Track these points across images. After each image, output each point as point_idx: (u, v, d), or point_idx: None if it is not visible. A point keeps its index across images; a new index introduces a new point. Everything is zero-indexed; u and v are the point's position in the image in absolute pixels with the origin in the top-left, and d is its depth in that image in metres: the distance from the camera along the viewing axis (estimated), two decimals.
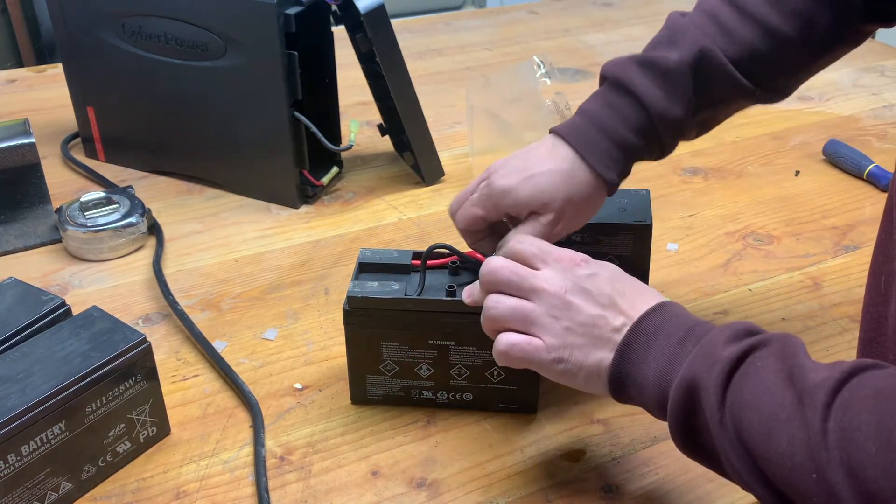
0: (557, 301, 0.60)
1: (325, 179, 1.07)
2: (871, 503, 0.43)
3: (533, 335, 0.60)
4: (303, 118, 1.00)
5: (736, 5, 0.71)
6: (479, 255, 0.72)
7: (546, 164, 0.70)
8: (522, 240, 0.64)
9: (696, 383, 0.53)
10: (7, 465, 0.60)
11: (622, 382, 0.58)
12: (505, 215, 0.72)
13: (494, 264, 0.63)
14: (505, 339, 0.61)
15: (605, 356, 0.58)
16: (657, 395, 0.56)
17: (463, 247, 0.74)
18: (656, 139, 0.71)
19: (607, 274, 0.61)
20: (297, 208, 1.06)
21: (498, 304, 0.62)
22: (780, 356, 0.51)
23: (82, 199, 0.96)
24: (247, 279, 0.93)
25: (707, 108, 0.72)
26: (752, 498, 0.65)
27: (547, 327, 0.60)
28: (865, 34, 0.72)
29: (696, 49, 0.70)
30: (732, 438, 0.50)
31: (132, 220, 0.96)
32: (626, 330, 0.58)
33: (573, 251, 0.63)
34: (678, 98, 0.70)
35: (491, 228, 0.74)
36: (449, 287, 0.70)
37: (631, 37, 1.63)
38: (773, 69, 0.71)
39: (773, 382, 0.50)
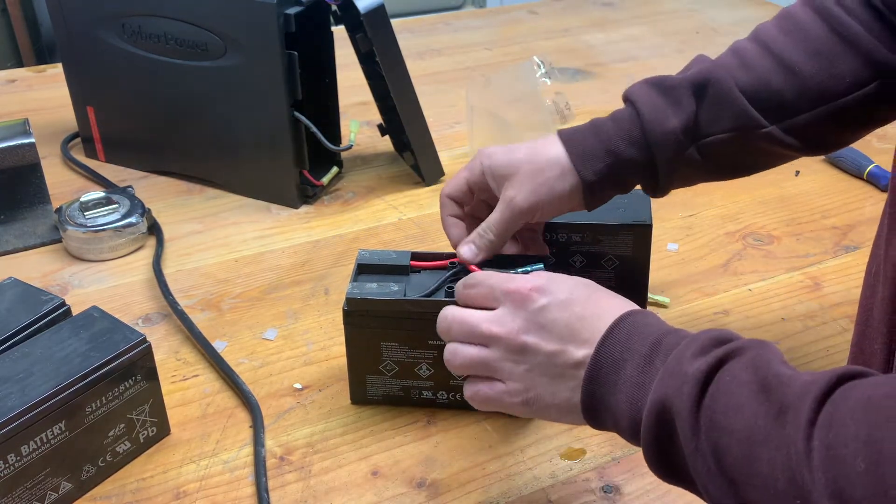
0: (513, 344, 0.57)
1: (325, 179, 1.07)
2: None
3: (497, 380, 0.59)
4: (303, 118, 1.00)
5: (760, 41, 0.70)
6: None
7: (530, 145, 0.71)
8: (471, 283, 0.62)
9: (668, 407, 0.49)
10: (7, 465, 0.60)
11: (596, 414, 0.55)
12: (485, 186, 0.73)
13: (445, 318, 0.61)
14: (469, 388, 0.61)
15: (573, 393, 0.56)
16: (630, 423, 0.52)
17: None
18: (648, 151, 0.70)
19: (562, 298, 0.57)
20: (297, 208, 1.06)
21: (455, 356, 0.60)
22: (752, 367, 0.48)
23: (82, 199, 0.96)
24: (247, 279, 0.93)
25: (712, 134, 0.70)
26: None
27: (507, 372, 0.58)
28: None
29: (704, 72, 0.70)
30: (710, 466, 0.47)
31: (132, 220, 0.96)
32: (588, 362, 0.55)
33: (528, 277, 0.59)
34: (674, 111, 0.69)
35: (470, 216, 0.75)
36: (448, 287, 0.70)
37: (631, 37, 1.63)
38: (792, 109, 0.68)
39: (748, 398, 0.46)
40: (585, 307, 0.57)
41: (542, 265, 0.70)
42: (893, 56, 0.65)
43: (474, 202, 0.76)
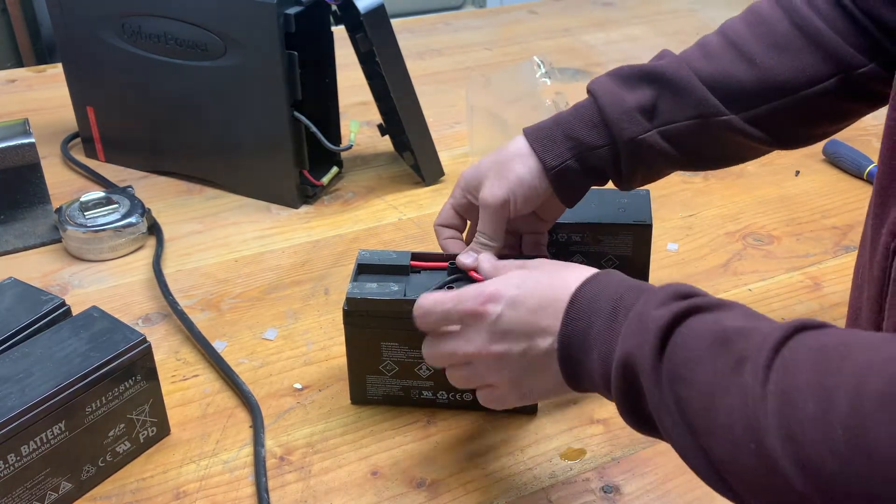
0: (487, 358, 0.60)
1: (325, 179, 1.07)
2: (811, 470, 0.41)
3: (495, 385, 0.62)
4: (303, 118, 1.00)
5: (725, 33, 0.72)
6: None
7: (496, 151, 0.74)
8: (421, 312, 0.63)
9: (632, 362, 0.51)
10: (7, 465, 0.60)
11: (580, 384, 0.57)
12: (469, 207, 0.76)
13: (428, 357, 0.65)
14: (479, 397, 0.64)
15: (555, 376, 0.58)
16: (604, 381, 0.54)
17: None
18: (607, 133, 0.71)
19: (511, 295, 0.59)
20: (297, 208, 1.06)
21: (452, 377, 0.64)
22: (713, 320, 0.49)
23: (82, 199, 0.96)
24: (247, 279, 0.93)
25: (675, 121, 0.70)
26: None
27: (497, 379, 0.61)
28: (866, 86, 0.68)
29: (663, 63, 0.71)
30: (674, 417, 0.48)
31: (132, 220, 0.96)
32: (556, 346, 0.56)
33: (476, 291, 0.60)
34: (630, 93, 0.71)
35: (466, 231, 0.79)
36: (448, 288, 0.70)
37: (631, 37, 1.63)
38: (753, 100, 0.69)
39: (708, 351, 0.47)
40: (535, 297, 0.58)
41: None
42: (853, 52, 0.67)
43: (468, 227, 0.79)
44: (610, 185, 0.75)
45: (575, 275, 0.58)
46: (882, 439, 0.38)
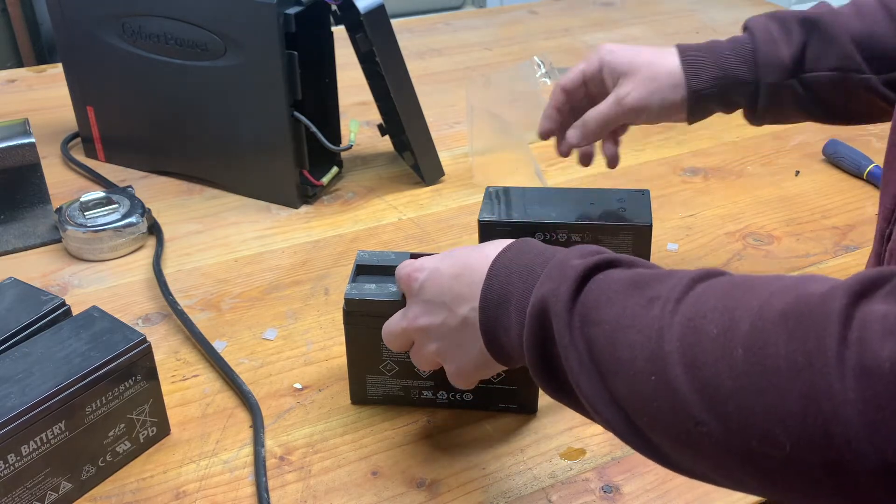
0: (416, 332, 0.62)
1: (325, 179, 1.07)
2: (708, 392, 0.40)
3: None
4: (303, 118, 1.00)
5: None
6: None
7: (653, 52, 0.78)
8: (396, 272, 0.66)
9: (546, 306, 0.50)
10: (7, 465, 0.60)
11: (498, 345, 0.56)
12: (599, 80, 0.82)
13: (384, 338, 0.67)
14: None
15: (477, 344, 0.57)
16: (519, 332, 0.53)
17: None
18: (754, 72, 0.74)
19: (433, 266, 0.61)
20: (297, 208, 1.06)
21: (414, 361, 0.65)
22: (630, 269, 0.50)
23: (82, 199, 0.96)
24: (247, 279, 0.93)
25: (816, 70, 0.74)
26: (752, 498, 0.65)
27: (435, 354, 0.62)
28: None
29: (819, 12, 0.74)
30: (582, 359, 0.47)
31: (132, 220, 0.96)
32: (475, 314, 0.56)
33: (415, 264, 0.63)
34: (786, 41, 0.74)
35: (569, 112, 0.85)
36: None
37: (631, 37, 1.63)
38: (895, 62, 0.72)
39: (621, 292, 0.47)
40: (455, 265, 0.59)
41: None
42: None
43: (581, 98, 0.83)
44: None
45: (493, 246, 0.58)
46: (780, 355, 0.38)
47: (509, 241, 0.58)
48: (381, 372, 0.73)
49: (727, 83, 0.75)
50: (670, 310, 0.44)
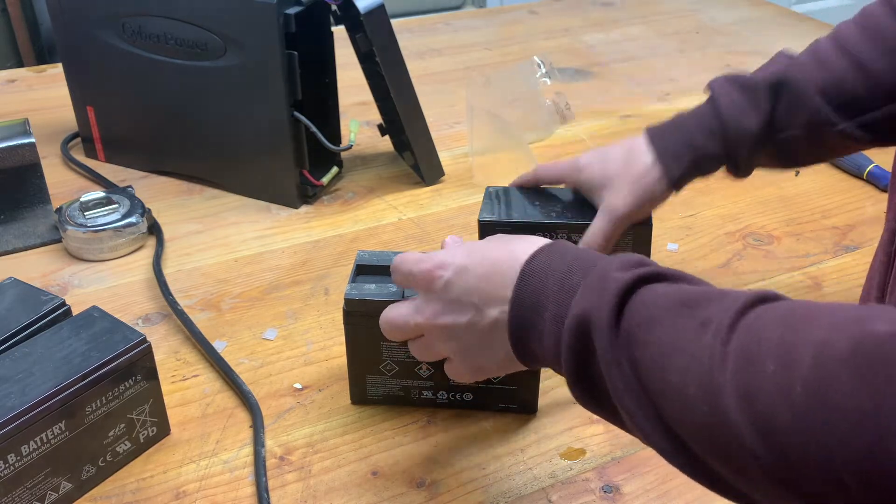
0: (435, 329, 0.60)
1: (325, 179, 1.07)
2: (763, 425, 0.39)
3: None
4: (303, 118, 1.00)
5: (837, 39, 0.74)
6: None
7: (622, 153, 0.79)
8: (393, 268, 0.63)
9: (588, 320, 0.49)
10: (7, 465, 0.60)
11: (527, 350, 0.55)
12: (574, 184, 0.83)
13: (381, 324, 0.64)
14: (445, 367, 0.63)
15: (503, 347, 0.56)
16: (554, 342, 0.52)
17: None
18: (725, 146, 0.75)
19: (459, 263, 0.58)
20: (297, 208, 1.06)
21: (412, 349, 0.64)
22: (676, 286, 0.48)
23: (82, 199, 0.96)
24: (247, 279, 0.93)
25: (788, 129, 0.74)
26: None
27: (448, 352, 0.61)
28: None
29: (781, 70, 0.74)
30: (627, 378, 0.46)
31: (132, 220, 0.96)
32: (507, 309, 0.55)
33: (433, 255, 0.60)
34: (753, 111, 0.74)
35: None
36: None
37: (631, 37, 1.63)
38: (865, 106, 0.72)
39: (670, 312, 0.46)
40: (484, 264, 0.57)
41: None
42: None
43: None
44: None
45: (524, 244, 0.57)
46: (844, 398, 0.37)
47: (537, 238, 0.57)
48: (381, 372, 0.73)
49: (702, 161, 0.76)
50: (723, 338, 0.43)
